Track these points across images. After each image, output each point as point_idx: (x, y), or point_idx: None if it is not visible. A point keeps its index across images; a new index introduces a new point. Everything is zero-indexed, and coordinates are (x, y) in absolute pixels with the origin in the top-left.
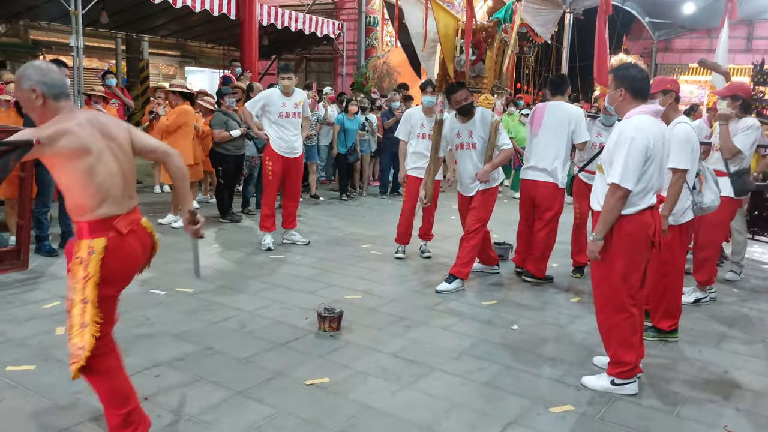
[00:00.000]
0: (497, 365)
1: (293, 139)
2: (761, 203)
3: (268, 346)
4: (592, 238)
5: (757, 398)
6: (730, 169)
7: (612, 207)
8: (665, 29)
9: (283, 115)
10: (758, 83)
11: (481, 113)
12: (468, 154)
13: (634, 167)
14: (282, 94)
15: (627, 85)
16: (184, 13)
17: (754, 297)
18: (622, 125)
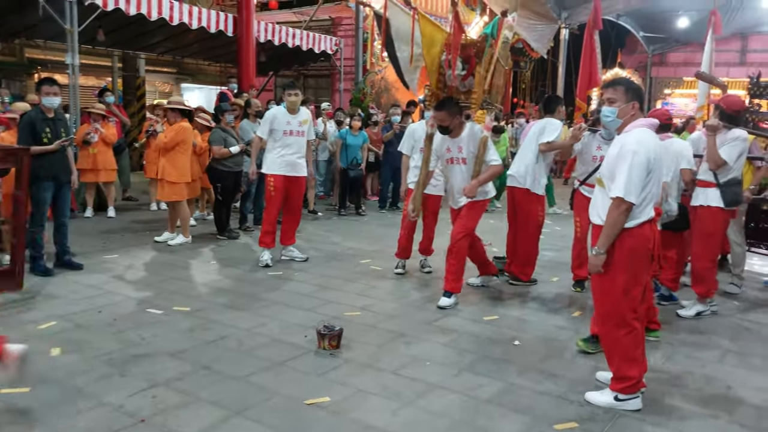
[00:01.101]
0: (499, 382)
1: (295, 158)
2: (758, 215)
3: (267, 365)
4: (595, 252)
5: (760, 414)
6: (719, 180)
7: (615, 221)
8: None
9: (287, 134)
10: (754, 96)
11: (471, 128)
12: (458, 169)
13: (638, 180)
14: (287, 111)
15: (639, 97)
16: (181, 30)
17: (754, 309)
18: (623, 139)
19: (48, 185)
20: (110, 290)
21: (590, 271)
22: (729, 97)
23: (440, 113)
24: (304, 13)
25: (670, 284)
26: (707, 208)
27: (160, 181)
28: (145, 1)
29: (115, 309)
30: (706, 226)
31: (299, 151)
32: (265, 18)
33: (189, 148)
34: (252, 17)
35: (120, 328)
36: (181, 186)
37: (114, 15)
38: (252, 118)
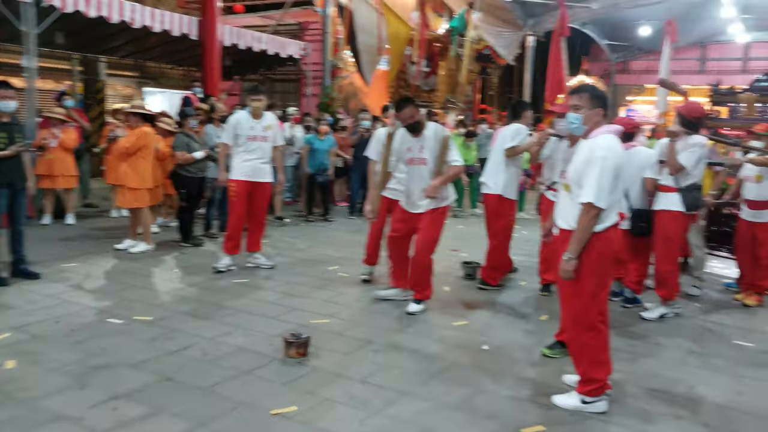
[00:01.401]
0: (468, 388)
1: (259, 163)
2: (719, 219)
3: (232, 375)
4: (567, 258)
5: (724, 413)
6: (680, 185)
7: (586, 226)
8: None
9: (251, 139)
10: (715, 103)
11: (434, 128)
12: (418, 170)
13: (607, 186)
14: (251, 116)
15: (603, 104)
16: (143, 33)
17: (716, 311)
18: (591, 144)
19: (3, 192)
20: (68, 300)
21: (562, 276)
22: (690, 104)
23: (406, 110)
24: (270, 17)
25: (634, 287)
26: (668, 212)
27: (121, 187)
28: (106, 4)
29: (73, 319)
30: (668, 230)
31: (263, 156)
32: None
33: (151, 153)
34: (216, 21)
35: (78, 339)
36: (143, 192)
37: (73, 17)
38: (216, 123)
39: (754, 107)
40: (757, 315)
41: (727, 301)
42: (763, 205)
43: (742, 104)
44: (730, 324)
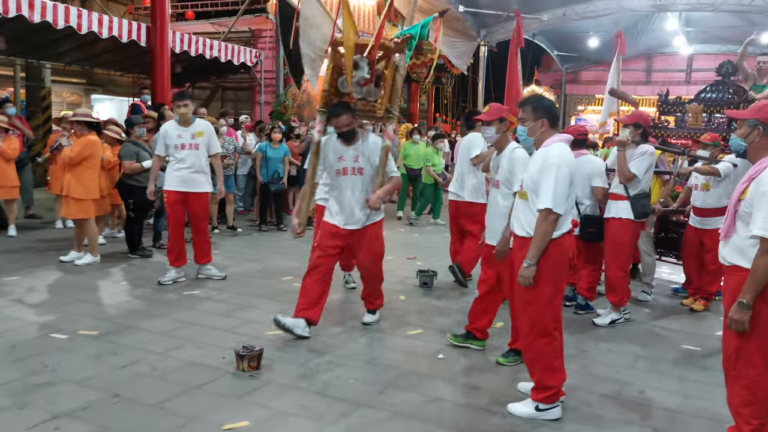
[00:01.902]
0: (423, 396)
1: (189, 173)
2: (667, 226)
3: (182, 390)
4: (527, 264)
5: (673, 417)
6: (629, 193)
7: (545, 232)
8: (573, 62)
9: (179, 147)
10: (663, 113)
11: (370, 137)
12: (352, 180)
13: (563, 192)
14: (179, 124)
15: (547, 114)
16: (90, 39)
17: (665, 316)
18: (544, 153)
19: None
20: (9, 315)
21: (521, 283)
22: (644, 114)
23: (344, 117)
24: (222, 24)
25: (586, 294)
26: (618, 219)
27: (66, 197)
28: (51, 9)
29: (14, 335)
30: (618, 237)
31: (193, 165)
32: (181, 28)
33: (97, 163)
34: (167, 27)
35: (19, 356)
36: (89, 203)
37: (16, 22)
38: None
39: (700, 117)
40: (704, 320)
41: (675, 306)
42: (710, 213)
43: (689, 114)
44: (678, 329)
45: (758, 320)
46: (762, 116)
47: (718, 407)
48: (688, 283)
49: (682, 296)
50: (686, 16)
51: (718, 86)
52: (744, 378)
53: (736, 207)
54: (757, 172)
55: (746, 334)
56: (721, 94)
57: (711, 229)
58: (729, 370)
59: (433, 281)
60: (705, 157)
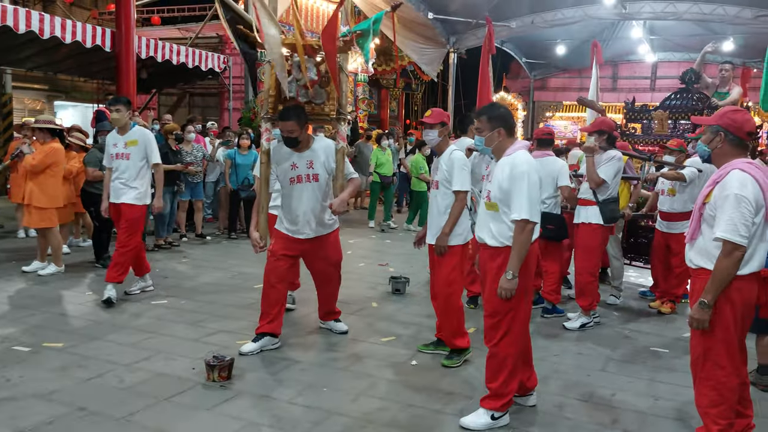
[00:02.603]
0: (396, 404)
1: (119, 183)
2: (636, 231)
3: (151, 402)
4: (510, 277)
5: (643, 418)
6: (598, 198)
7: (525, 242)
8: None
9: (113, 157)
10: (630, 120)
11: (322, 141)
12: (308, 188)
13: (536, 200)
14: (117, 132)
15: (503, 123)
16: (53, 44)
17: (634, 319)
18: (511, 161)
19: None
20: None
21: (504, 295)
22: (607, 120)
23: (289, 123)
24: (189, 29)
25: (551, 297)
26: (588, 225)
27: (28, 206)
28: (11, 13)
29: None
30: (587, 242)
31: (122, 175)
32: (147, 33)
33: (60, 170)
34: (132, 32)
35: None
36: (52, 211)
37: None
38: None
39: (666, 124)
40: (672, 322)
41: (644, 309)
42: (676, 217)
43: (655, 121)
44: (647, 331)
45: (723, 321)
46: (724, 122)
47: (686, 408)
48: (655, 286)
49: (650, 299)
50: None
51: (682, 93)
52: (712, 379)
53: (701, 210)
54: (721, 177)
55: (712, 336)
56: (685, 101)
57: (677, 233)
58: (697, 372)
59: (406, 287)
60: (671, 162)
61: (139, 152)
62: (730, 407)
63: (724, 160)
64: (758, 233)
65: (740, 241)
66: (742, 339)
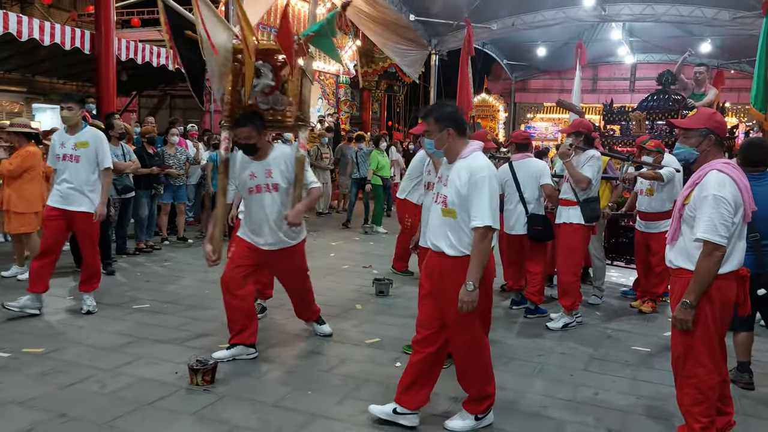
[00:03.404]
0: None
1: (66, 188)
2: (617, 231)
3: (133, 407)
4: (471, 288)
5: (625, 417)
6: (579, 198)
7: (486, 250)
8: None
9: (60, 158)
10: (608, 121)
11: (281, 149)
12: (268, 198)
13: (496, 206)
14: (65, 131)
15: (452, 123)
16: (31, 46)
17: (616, 318)
18: (468, 166)
19: None
20: None
21: (466, 309)
22: (584, 122)
23: (244, 129)
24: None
25: (534, 297)
26: (569, 224)
27: (6, 212)
28: None
29: None
30: (569, 242)
31: (71, 179)
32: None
33: (38, 174)
34: (112, 34)
35: None
36: (30, 216)
37: None
38: (114, 141)
39: (643, 125)
40: (653, 321)
41: (625, 308)
42: (655, 217)
43: (633, 122)
44: (629, 330)
45: (703, 320)
46: (712, 125)
47: (668, 406)
48: (637, 285)
49: (631, 298)
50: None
51: (659, 95)
52: (693, 378)
53: (681, 211)
54: (700, 177)
55: (693, 335)
56: (662, 103)
57: (656, 233)
58: (678, 371)
59: (389, 289)
60: (649, 162)
61: (89, 155)
62: (712, 405)
63: (707, 161)
64: (737, 232)
65: (720, 241)
66: (722, 337)
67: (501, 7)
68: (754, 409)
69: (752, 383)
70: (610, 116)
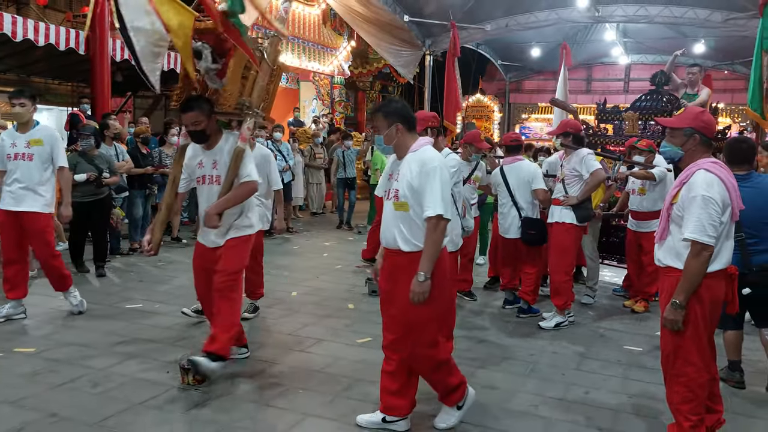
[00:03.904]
0: (373, 405)
1: (18, 188)
2: (609, 230)
3: (125, 407)
4: (422, 279)
5: (616, 416)
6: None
7: (438, 241)
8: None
9: (11, 157)
10: (602, 121)
11: (228, 139)
12: (213, 190)
13: (448, 197)
14: (16, 129)
15: (400, 119)
16: (26, 47)
17: (608, 318)
18: (418, 158)
19: None
20: None
21: (417, 300)
22: (571, 121)
23: (191, 114)
24: None
25: (528, 297)
26: (561, 224)
27: None
28: None
29: None
30: (562, 242)
31: (23, 179)
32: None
33: None
34: (106, 35)
35: None
36: None
37: None
38: (108, 142)
39: (636, 124)
40: (645, 320)
41: (618, 308)
42: (647, 216)
43: (626, 122)
44: (621, 330)
45: (693, 319)
46: (697, 125)
47: (658, 405)
48: (627, 282)
49: (621, 296)
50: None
51: (652, 95)
52: (683, 376)
53: (669, 211)
54: (688, 177)
55: (682, 333)
56: (655, 103)
57: (648, 232)
58: (668, 369)
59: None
60: (641, 162)
61: (43, 153)
62: (701, 403)
63: (692, 160)
64: (725, 232)
65: (708, 241)
66: (711, 336)
67: (495, 8)
68: (744, 407)
69: (743, 382)
70: (603, 115)
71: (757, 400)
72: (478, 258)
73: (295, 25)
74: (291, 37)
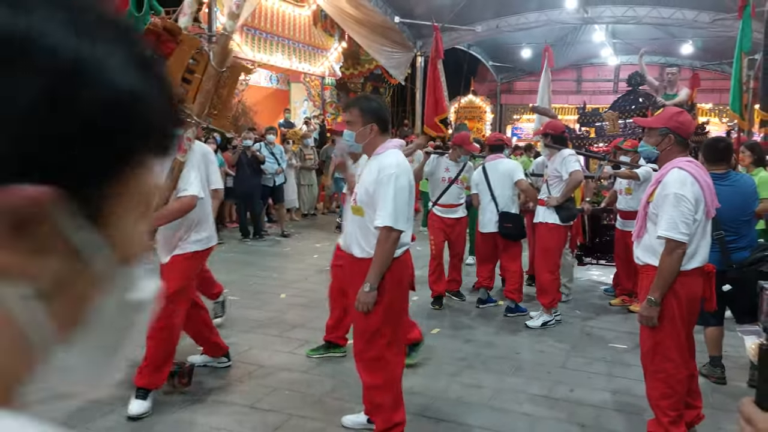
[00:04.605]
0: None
1: None
2: (598, 230)
3: (108, 410)
4: (368, 289)
5: (599, 413)
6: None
7: (387, 251)
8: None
9: None
10: (583, 124)
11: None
12: None
13: (403, 206)
14: None
15: (376, 119)
16: None
17: (595, 316)
18: (378, 163)
19: None
20: None
21: (360, 309)
22: (551, 123)
23: None
24: None
25: (513, 295)
26: (545, 224)
27: None
28: None
29: None
30: (546, 241)
31: None
32: None
33: None
34: None
35: None
36: None
37: None
38: None
39: (617, 124)
40: (631, 319)
41: (605, 306)
42: (633, 215)
43: (607, 122)
44: (608, 328)
45: (670, 316)
46: (672, 125)
47: (640, 401)
48: (616, 282)
49: (610, 296)
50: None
51: (629, 95)
52: (662, 372)
53: (645, 209)
54: (663, 176)
55: (661, 330)
56: (631, 104)
57: None
58: (647, 366)
59: None
60: (627, 162)
61: None
62: (680, 399)
63: (668, 159)
64: (700, 230)
65: (681, 238)
66: (689, 332)
67: (485, 9)
68: (725, 402)
69: (724, 378)
70: (584, 118)
71: (737, 396)
72: (468, 258)
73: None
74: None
